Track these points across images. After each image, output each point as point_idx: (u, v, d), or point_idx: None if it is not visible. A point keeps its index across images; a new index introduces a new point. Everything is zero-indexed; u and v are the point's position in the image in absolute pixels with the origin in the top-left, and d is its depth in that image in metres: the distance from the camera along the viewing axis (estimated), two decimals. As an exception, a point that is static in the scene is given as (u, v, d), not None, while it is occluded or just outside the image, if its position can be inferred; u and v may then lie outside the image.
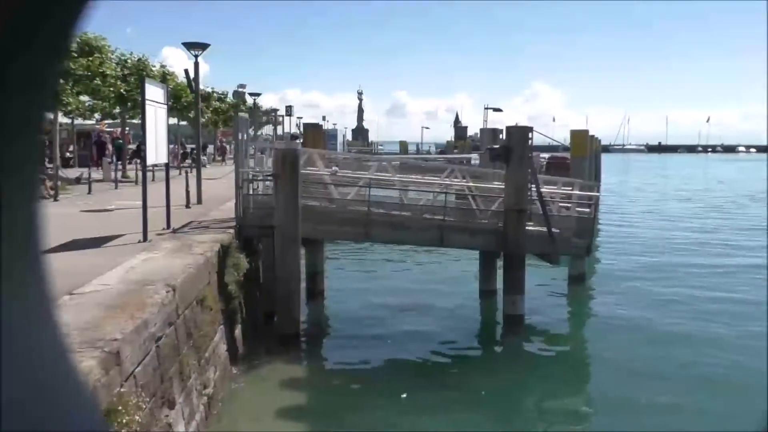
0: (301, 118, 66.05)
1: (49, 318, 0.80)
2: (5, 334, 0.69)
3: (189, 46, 17.96)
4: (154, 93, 12.12)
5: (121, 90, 25.05)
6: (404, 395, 10.49)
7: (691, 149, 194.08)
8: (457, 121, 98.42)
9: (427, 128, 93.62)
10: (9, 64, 0.65)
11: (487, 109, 65.39)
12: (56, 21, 0.69)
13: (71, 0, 0.70)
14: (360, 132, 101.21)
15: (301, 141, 26.89)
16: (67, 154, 33.33)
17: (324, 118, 79.91)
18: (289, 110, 62.03)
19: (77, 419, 0.80)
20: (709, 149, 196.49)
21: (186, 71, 21.21)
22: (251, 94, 47.10)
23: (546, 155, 40.67)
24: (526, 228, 14.23)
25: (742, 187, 57.64)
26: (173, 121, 34.23)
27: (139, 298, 7.28)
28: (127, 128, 32.93)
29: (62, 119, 29.68)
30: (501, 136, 20.01)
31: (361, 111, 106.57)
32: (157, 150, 12.23)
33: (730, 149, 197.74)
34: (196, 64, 18.36)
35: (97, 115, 34.15)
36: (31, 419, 0.71)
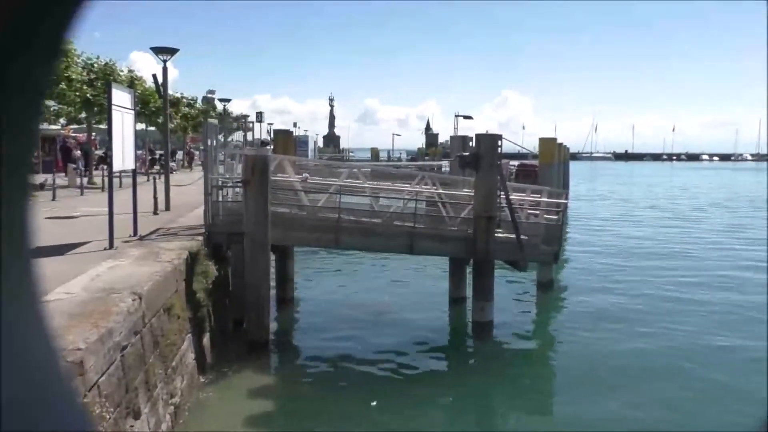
0: (272, 124, 65.85)
1: (41, 319, 0.81)
2: (2, 335, 0.69)
3: (157, 50, 17.77)
4: (121, 98, 11.96)
5: (87, 95, 24.66)
6: (374, 402, 10.49)
7: (656, 157, 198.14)
8: (428, 128, 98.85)
9: (399, 135, 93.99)
10: (7, 65, 0.66)
11: (457, 116, 65.86)
12: (52, 22, 0.69)
13: (66, 1, 0.71)
14: (331, 139, 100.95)
15: (272, 147, 26.77)
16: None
17: (295, 124, 79.79)
18: (259, 116, 61.70)
19: (68, 420, 0.80)
20: (674, 157, 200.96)
21: (154, 76, 20.98)
22: (221, 100, 46.69)
23: (515, 163, 41.13)
24: (495, 235, 14.35)
25: (706, 195, 59.03)
26: (141, 126, 33.88)
27: (103, 306, 7.16)
28: (93, 133, 32.40)
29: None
30: (471, 144, 20.18)
31: (332, 118, 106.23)
32: (123, 156, 12.06)
33: (694, 157, 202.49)
34: (165, 69, 18.18)
35: (62, 120, 33.61)
36: (23, 420, 0.71)
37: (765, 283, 19.69)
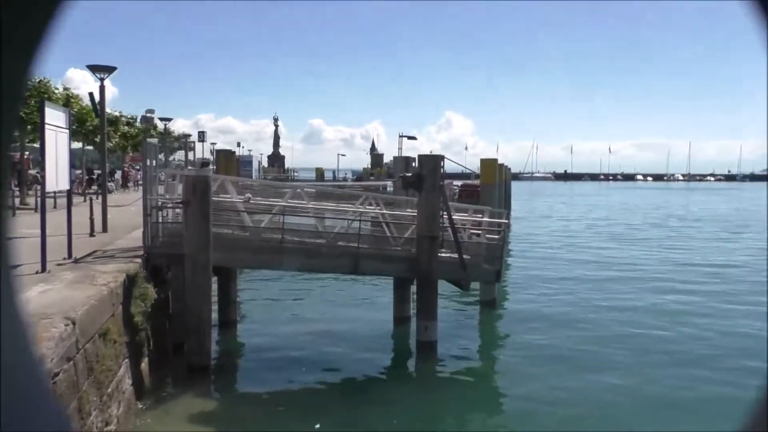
0: (215, 143, 65.09)
1: (22, 327, 0.83)
2: None
3: (94, 68, 17.39)
4: (55, 117, 11.62)
5: (20, 113, 23.83)
6: (318, 425, 10.38)
7: (594, 177, 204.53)
8: (373, 148, 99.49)
9: (344, 155, 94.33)
10: None
11: (401, 137, 66.56)
12: (28, 31, 0.70)
13: (43, 12, 0.71)
14: (276, 158, 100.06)
15: (214, 168, 26.37)
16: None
17: (239, 144, 79.13)
18: (202, 136, 60.91)
19: (47, 420, 0.83)
20: (611, 177, 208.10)
21: (91, 94, 20.49)
22: (162, 119, 45.89)
23: (459, 183, 41.76)
24: (439, 255, 14.49)
25: (643, 213, 61.19)
26: (78, 145, 32.91)
27: (33, 332, 6.89)
28: (27, 152, 31.25)
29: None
30: (414, 164, 20.38)
31: (277, 137, 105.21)
32: (57, 176, 11.69)
33: (629, 177, 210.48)
34: (102, 88, 17.79)
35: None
36: (6, 421, 0.73)
37: (687, 292, 20.55)
